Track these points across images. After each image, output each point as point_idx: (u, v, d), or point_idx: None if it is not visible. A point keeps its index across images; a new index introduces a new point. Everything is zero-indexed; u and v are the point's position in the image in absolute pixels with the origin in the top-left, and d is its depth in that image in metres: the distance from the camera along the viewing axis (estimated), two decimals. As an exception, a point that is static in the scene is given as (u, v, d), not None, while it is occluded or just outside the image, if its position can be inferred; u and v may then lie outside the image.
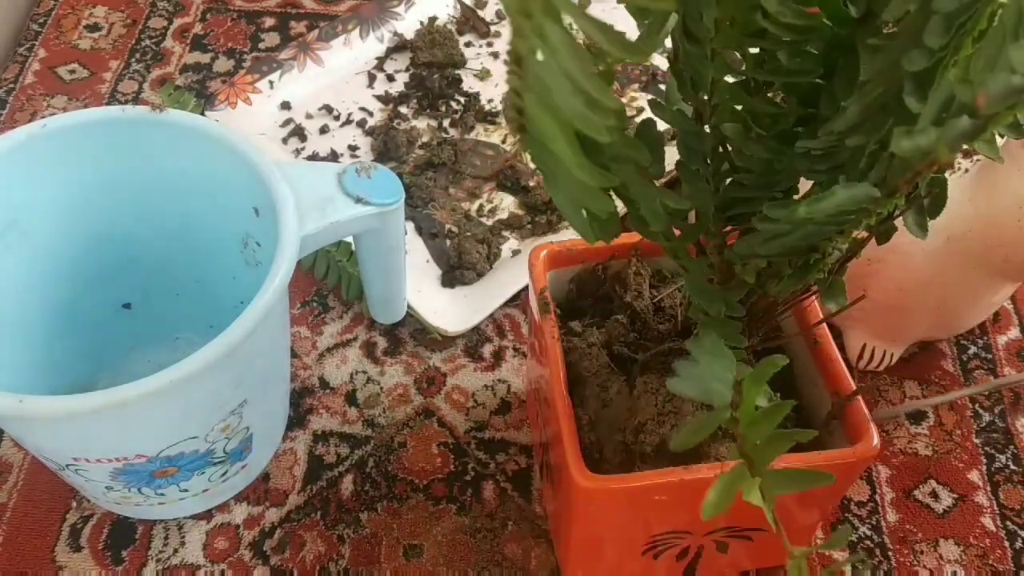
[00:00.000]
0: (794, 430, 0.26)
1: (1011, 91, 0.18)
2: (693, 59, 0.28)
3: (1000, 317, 0.57)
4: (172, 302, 0.51)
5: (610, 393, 0.39)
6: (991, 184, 0.46)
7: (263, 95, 0.65)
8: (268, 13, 0.74)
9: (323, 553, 0.47)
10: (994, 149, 0.24)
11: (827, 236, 0.27)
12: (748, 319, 0.37)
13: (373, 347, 0.55)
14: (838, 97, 0.26)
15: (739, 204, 0.32)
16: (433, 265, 0.58)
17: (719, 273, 0.34)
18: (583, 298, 0.44)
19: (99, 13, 0.74)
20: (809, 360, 0.40)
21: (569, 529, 0.40)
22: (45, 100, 0.67)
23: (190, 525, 0.47)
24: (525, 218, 0.60)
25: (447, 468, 0.50)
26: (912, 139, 0.20)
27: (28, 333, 0.46)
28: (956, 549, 0.48)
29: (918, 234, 0.29)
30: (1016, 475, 0.50)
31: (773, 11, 0.23)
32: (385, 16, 0.71)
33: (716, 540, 0.41)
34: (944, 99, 0.20)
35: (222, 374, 0.38)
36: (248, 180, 0.41)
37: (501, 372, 0.54)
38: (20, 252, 0.44)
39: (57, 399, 0.34)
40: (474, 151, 0.64)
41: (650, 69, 0.70)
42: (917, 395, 0.53)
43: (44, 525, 0.47)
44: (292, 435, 0.51)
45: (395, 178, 0.43)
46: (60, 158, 0.43)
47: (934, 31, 0.21)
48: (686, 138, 0.31)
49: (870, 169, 0.26)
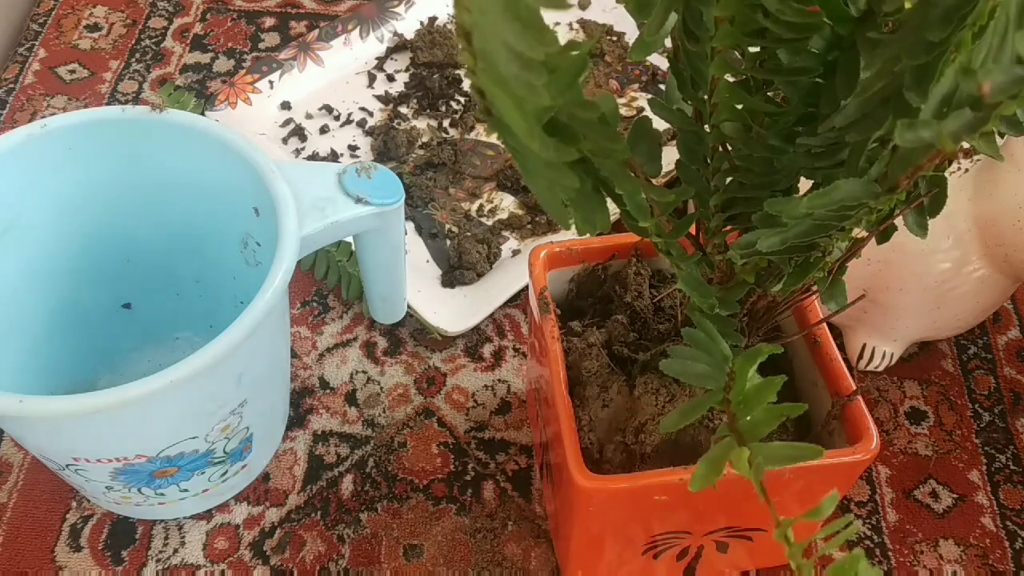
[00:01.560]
0: (784, 404, 0.26)
1: (1015, 80, 0.18)
2: (693, 58, 0.28)
3: (1000, 317, 0.57)
4: (172, 302, 0.51)
5: (610, 393, 0.39)
6: (991, 184, 0.46)
7: (263, 95, 0.65)
8: (268, 13, 0.74)
9: (323, 553, 0.47)
10: (994, 147, 0.24)
11: (827, 233, 0.27)
12: (748, 319, 0.37)
13: (373, 347, 0.55)
14: (838, 95, 0.26)
15: (739, 203, 0.32)
16: (433, 265, 0.58)
17: (719, 273, 0.34)
18: (583, 298, 0.44)
19: (99, 13, 0.74)
20: (809, 360, 0.40)
21: (569, 529, 0.40)
22: (45, 100, 0.67)
23: (190, 525, 0.47)
24: (525, 218, 0.60)
25: (447, 468, 0.50)
26: (915, 131, 0.20)
27: (28, 333, 0.46)
28: (956, 549, 0.48)
29: (918, 234, 0.29)
30: (1016, 475, 0.50)
31: (773, 9, 0.24)
32: (385, 16, 0.71)
33: (716, 540, 0.41)
34: (945, 92, 0.20)
35: (222, 374, 0.38)
36: (248, 180, 0.41)
37: (501, 372, 0.54)
38: (20, 252, 0.44)
39: (57, 399, 0.34)
40: (474, 151, 0.64)
41: (650, 69, 0.70)
42: (917, 395, 0.53)
43: (44, 525, 0.47)
44: (292, 435, 0.51)
45: (395, 178, 0.43)
46: (60, 158, 0.43)
47: (934, 25, 0.21)
48: (686, 137, 0.31)
49: (870, 165, 0.26)
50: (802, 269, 0.31)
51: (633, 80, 0.69)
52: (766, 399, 0.26)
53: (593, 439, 0.39)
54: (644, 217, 0.28)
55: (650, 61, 0.70)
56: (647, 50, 0.27)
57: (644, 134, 0.30)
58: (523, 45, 0.17)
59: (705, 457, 0.26)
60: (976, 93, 0.19)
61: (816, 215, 0.25)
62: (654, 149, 0.30)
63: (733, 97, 0.28)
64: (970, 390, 0.54)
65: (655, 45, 0.27)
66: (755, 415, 0.26)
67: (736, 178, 0.31)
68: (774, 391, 0.26)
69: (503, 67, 0.18)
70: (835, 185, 0.24)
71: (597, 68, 0.69)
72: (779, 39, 0.25)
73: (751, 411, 0.26)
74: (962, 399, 0.53)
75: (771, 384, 0.26)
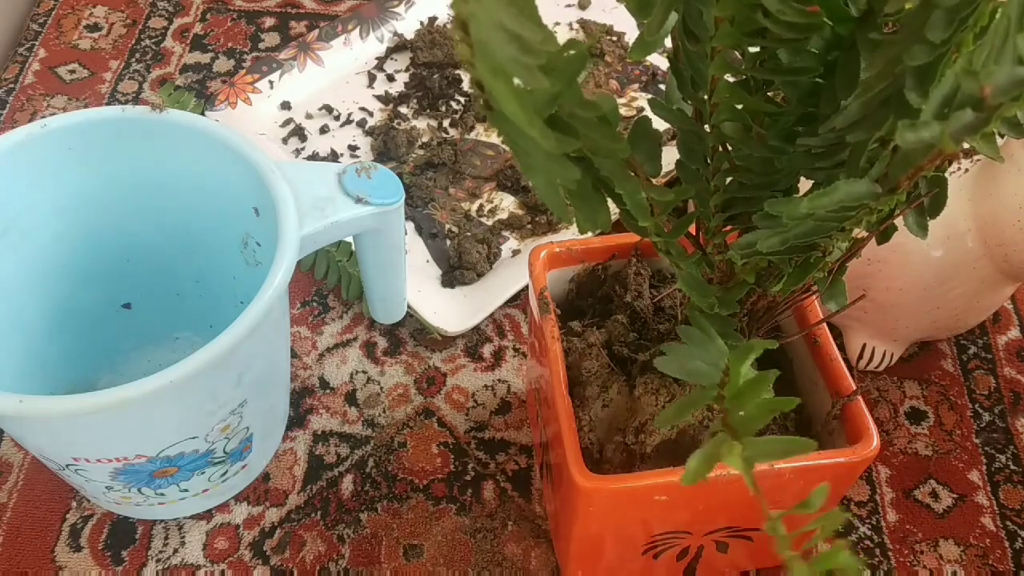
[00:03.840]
0: (777, 398, 0.26)
1: (1017, 81, 0.18)
2: (693, 58, 0.28)
3: (1000, 317, 0.57)
4: (172, 302, 0.51)
5: (610, 393, 0.39)
6: (991, 184, 0.46)
7: (263, 95, 0.65)
8: (268, 13, 0.74)
9: (323, 553, 0.47)
10: (995, 148, 0.24)
11: (828, 233, 0.27)
12: (748, 319, 0.37)
13: (373, 347, 0.55)
14: (838, 96, 0.26)
15: (739, 203, 0.32)
16: (433, 265, 0.58)
17: (719, 273, 0.34)
18: (583, 298, 0.44)
19: (99, 13, 0.74)
20: (809, 360, 0.40)
21: (569, 529, 0.40)
22: (45, 100, 0.67)
23: (190, 525, 0.47)
24: (525, 218, 0.60)
25: (447, 468, 0.50)
26: (916, 132, 0.20)
27: (28, 333, 0.46)
28: (956, 549, 0.48)
29: (918, 234, 0.29)
30: (1016, 475, 0.50)
31: (773, 9, 0.23)
32: (385, 16, 0.71)
33: (716, 540, 0.41)
34: (946, 93, 0.20)
35: (222, 374, 0.38)
36: (248, 180, 0.41)
37: (501, 372, 0.54)
38: (20, 252, 0.44)
39: (57, 399, 0.34)
40: (474, 151, 0.64)
41: (650, 69, 0.70)
42: (917, 395, 0.53)
43: (44, 525, 0.47)
44: (292, 435, 0.51)
45: (395, 178, 0.43)
46: (60, 158, 0.43)
47: (936, 25, 0.21)
48: (686, 137, 0.31)
49: (871, 166, 0.26)
50: (802, 269, 0.31)
51: (633, 80, 0.69)
52: (760, 394, 0.26)
53: (593, 439, 0.39)
54: (644, 216, 0.28)
55: (650, 61, 0.70)
56: (647, 50, 0.27)
57: (644, 134, 0.30)
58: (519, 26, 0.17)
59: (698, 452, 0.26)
60: (978, 94, 0.19)
61: (816, 215, 0.25)
62: (654, 149, 0.30)
63: (733, 97, 0.28)
64: (970, 390, 0.54)
65: (655, 45, 0.27)
66: (748, 410, 0.26)
67: (736, 178, 0.31)
68: (768, 385, 0.26)
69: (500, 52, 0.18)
70: (835, 185, 0.24)
71: (597, 68, 0.69)
72: (779, 39, 0.25)
73: (745, 406, 0.26)
74: (962, 399, 0.53)
75: (764, 379, 0.26)
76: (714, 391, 0.27)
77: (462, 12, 0.17)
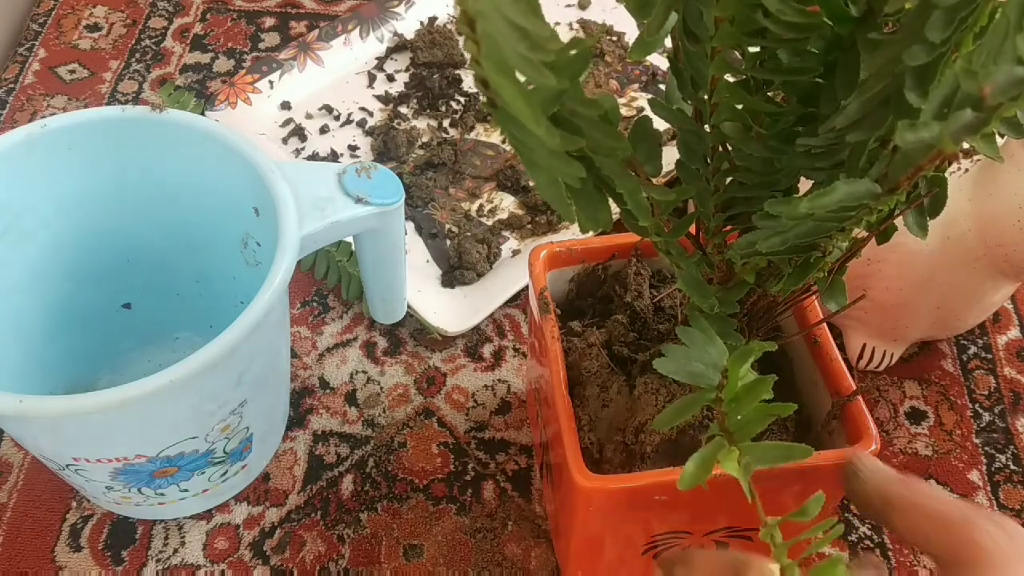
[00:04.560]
0: (775, 404, 0.26)
1: (1016, 81, 0.18)
2: (693, 58, 0.28)
3: (1000, 317, 0.57)
4: (172, 302, 0.51)
5: (610, 393, 0.39)
6: (991, 184, 0.46)
7: (263, 95, 0.65)
8: (268, 13, 0.74)
9: (323, 553, 0.47)
10: (994, 148, 0.24)
11: (828, 233, 0.27)
12: (748, 319, 0.37)
13: (373, 347, 0.55)
14: (838, 96, 0.26)
15: (739, 203, 0.32)
16: (433, 265, 0.58)
17: (719, 273, 0.34)
18: (583, 298, 0.44)
19: (99, 13, 0.74)
20: (809, 360, 0.40)
21: (569, 529, 0.40)
22: (45, 100, 0.67)
23: (190, 525, 0.47)
24: (525, 218, 0.60)
25: (447, 468, 0.50)
26: (916, 132, 0.20)
27: (28, 333, 0.46)
28: (956, 549, 0.48)
29: (918, 234, 0.29)
30: (1016, 475, 0.50)
31: (774, 9, 0.23)
32: (385, 16, 0.71)
33: (716, 540, 0.41)
34: (946, 93, 0.20)
35: (222, 374, 0.38)
36: (248, 180, 0.41)
37: (501, 372, 0.54)
38: (20, 252, 0.44)
39: (57, 399, 0.34)
40: (474, 151, 0.64)
41: (650, 69, 0.70)
42: (917, 395, 0.53)
43: (44, 525, 0.47)
44: (292, 435, 0.51)
45: (395, 178, 0.43)
46: (60, 158, 0.43)
47: (935, 25, 0.21)
48: (686, 137, 0.31)
49: (871, 166, 0.26)
50: (802, 269, 0.31)
51: (633, 80, 0.69)
52: (758, 398, 0.26)
53: (593, 439, 0.39)
54: (644, 216, 0.28)
55: (650, 61, 0.70)
56: (647, 50, 0.27)
57: (644, 134, 0.30)
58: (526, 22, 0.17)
59: (695, 456, 0.26)
60: (977, 94, 0.19)
61: (816, 215, 0.25)
62: (654, 149, 0.30)
63: (733, 97, 0.28)
64: (970, 390, 0.54)
65: (655, 45, 0.27)
66: (746, 414, 0.26)
67: (736, 178, 0.31)
68: (767, 389, 0.26)
69: (508, 49, 0.18)
70: (835, 185, 0.24)
71: (597, 68, 0.69)
72: (779, 39, 0.25)
73: (742, 410, 0.26)
74: (962, 399, 0.53)
75: (763, 383, 0.26)
76: (712, 393, 0.27)
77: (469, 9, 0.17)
